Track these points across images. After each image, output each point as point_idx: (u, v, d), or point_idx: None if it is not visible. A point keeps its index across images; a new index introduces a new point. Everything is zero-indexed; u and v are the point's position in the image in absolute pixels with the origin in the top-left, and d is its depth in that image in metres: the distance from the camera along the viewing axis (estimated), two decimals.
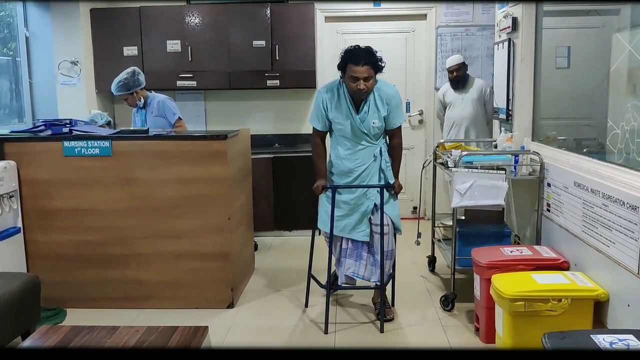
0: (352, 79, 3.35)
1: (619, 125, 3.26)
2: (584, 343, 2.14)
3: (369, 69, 3.33)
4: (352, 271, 3.63)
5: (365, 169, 3.54)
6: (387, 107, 3.50)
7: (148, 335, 2.44)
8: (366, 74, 3.32)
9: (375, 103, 3.48)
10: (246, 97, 6.09)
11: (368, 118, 3.48)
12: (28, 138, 3.90)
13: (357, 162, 3.54)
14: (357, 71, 3.32)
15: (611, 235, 2.78)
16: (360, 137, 3.51)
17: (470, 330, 3.48)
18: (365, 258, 3.62)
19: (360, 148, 3.53)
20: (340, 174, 3.61)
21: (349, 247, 3.64)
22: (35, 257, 3.89)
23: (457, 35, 5.97)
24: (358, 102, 3.49)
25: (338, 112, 3.51)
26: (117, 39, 5.70)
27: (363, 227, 3.57)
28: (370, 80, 3.36)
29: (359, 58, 3.32)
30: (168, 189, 3.79)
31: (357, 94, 3.41)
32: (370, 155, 3.54)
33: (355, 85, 3.36)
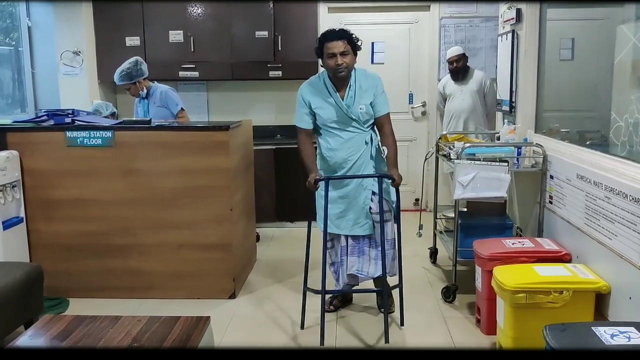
0: (329, 56, 3.28)
1: (622, 118, 3.24)
2: (585, 335, 2.14)
3: (344, 43, 3.26)
4: (357, 269, 3.45)
5: (358, 158, 3.41)
6: (372, 91, 3.41)
7: (150, 325, 2.46)
8: (342, 49, 3.25)
9: (360, 88, 3.39)
10: (248, 88, 6.08)
11: (355, 103, 3.37)
12: (30, 128, 3.90)
13: (350, 150, 3.40)
14: (332, 47, 3.26)
15: (613, 228, 2.78)
16: (349, 124, 3.39)
17: (471, 322, 3.48)
18: (367, 252, 3.47)
19: (350, 136, 3.40)
20: (333, 167, 3.46)
21: (350, 243, 3.48)
22: (38, 247, 3.90)
23: (460, 27, 5.94)
24: (342, 89, 3.39)
25: (322, 101, 3.39)
26: (120, 29, 5.68)
27: (364, 219, 3.42)
28: (347, 56, 3.28)
29: (333, 34, 3.28)
30: (170, 180, 3.80)
31: (337, 72, 3.29)
32: (362, 142, 3.41)
33: (333, 62, 3.27)
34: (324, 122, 3.42)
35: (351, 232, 3.44)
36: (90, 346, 2.23)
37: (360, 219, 3.43)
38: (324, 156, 3.48)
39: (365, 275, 3.47)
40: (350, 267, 3.46)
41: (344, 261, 3.48)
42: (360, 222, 3.43)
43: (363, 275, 3.47)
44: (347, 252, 3.48)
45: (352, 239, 3.47)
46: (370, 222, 3.42)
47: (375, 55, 6.05)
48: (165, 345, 2.27)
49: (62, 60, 5.58)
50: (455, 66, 5.38)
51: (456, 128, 5.36)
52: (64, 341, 2.31)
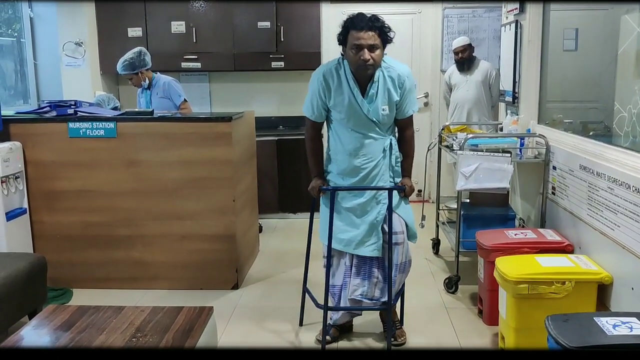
0: (355, 48, 2.75)
1: (626, 108, 3.23)
2: (587, 325, 2.15)
3: (374, 35, 2.75)
4: (361, 293, 2.97)
5: (374, 167, 2.93)
6: (399, 90, 2.90)
7: (153, 315, 2.47)
8: (371, 41, 2.74)
9: (385, 85, 2.87)
10: (251, 79, 6.07)
11: (377, 103, 2.86)
12: (33, 119, 3.91)
13: (365, 158, 2.92)
14: (360, 37, 2.73)
15: (616, 219, 2.77)
16: (368, 127, 2.89)
17: (474, 313, 3.49)
18: (376, 275, 3.00)
19: (368, 141, 2.91)
20: (342, 174, 2.99)
21: (355, 263, 3.00)
22: (42, 237, 3.92)
23: (463, 17, 5.92)
24: (363, 85, 2.87)
25: (339, 98, 2.87)
26: (122, 20, 5.67)
27: (373, 239, 2.94)
28: (376, 51, 2.76)
29: (363, 22, 2.74)
30: (173, 171, 3.80)
31: (361, 68, 2.79)
32: (379, 149, 2.93)
33: (358, 57, 2.75)
34: (338, 121, 2.96)
35: (356, 251, 2.97)
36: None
37: (369, 237, 2.95)
38: (333, 159, 3.03)
39: (369, 301, 3.00)
40: (353, 291, 2.99)
41: (347, 283, 3.02)
42: (368, 241, 2.95)
43: (367, 301, 3.00)
44: (351, 273, 3.02)
45: (357, 259, 3.00)
46: (380, 243, 2.95)
47: None
48: (168, 335, 2.28)
49: (64, 52, 5.58)
50: (460, 57, 5.36)
51: (460, 118, 5.35)
52: (67, 331, 2.32)
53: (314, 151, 3.06)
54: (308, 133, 3.07)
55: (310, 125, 3.04)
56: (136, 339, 2.25)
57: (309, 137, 3.07)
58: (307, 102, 2.99)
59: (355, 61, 2.78)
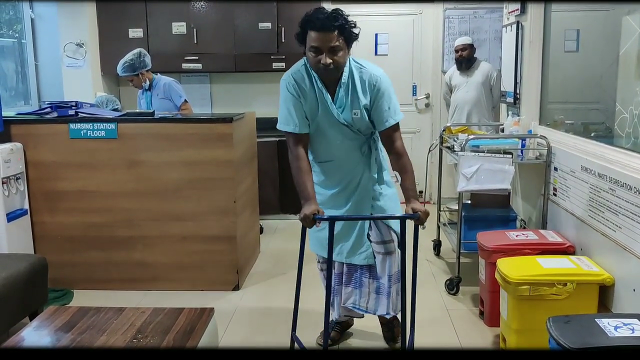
0: (313, 50, 2.44)
1: (627, 110, 3.22)
2: (588, 327, 2.14)
3: (335, 35, 2.41)
4: (353, 302, 2.85)
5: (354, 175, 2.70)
6: (369, 94, 2.58)
7: (154, 316, 2.46)
8: (331, 43, 2.41)
9: (354, 87, 2.57)
10: (252, 80, 6.06)
11: (347, 106, 2.58)
12: (34, 120, 3.91)
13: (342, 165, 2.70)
14: (318, 39, 2.41)
15: (618, 220, 2.77)
16: (341, 132, 2.63)
17: (475, 314, 3.49)
18: (367, 285, 2.83)
19: (342, 146, 2.67)
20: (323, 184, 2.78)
21: (345, 271, 2.86)
22: (42, 238, 3.92)
23: (465, 18, 5.91)
24: (332, 87, 2.58)
25: (310, 102, 2.60)
26: (123, 20, 5.67)
27: (364, 247, 2.77)
28: (339, 53, 2.44)
29: (320, 21, 2.41)
30: (174, 172, 3.80)
31: (321, 72, 2.50)
32: (356, 152, 2.69)
33: (317, 60, 2.44)
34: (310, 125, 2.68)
35: (348, 260, 2.82)
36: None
37: (357, 245, 2.79)
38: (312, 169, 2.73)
39: (363, 312, 2.88)
40: (345, 299, 2.88)
41: (339, 291, 2.89)
42: (357, 250, 2.79)
43: (361, 312, 2.89)
44: (342, 281, 2.88)
45: (347, 267, 2.85)
46: (370, 251, 2.79)
47: (378, 47, 6.03)
48: (169, 336, 2.27)
49: (65, 53, 5.58)
50: (460, 54, 5.35)
51: (460, 119, 5.35)
52: (68, 332, 2.32)
53: (302, 172, 2.61)
54: (293, 153, 2.63)
55: (294, 140, 2.62)
56: (137, 340, 2.25)
57: (295, 157, 2.63)
58: (283, 114, 2.63)
59: (314, 64, 2.49)
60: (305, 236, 2.60)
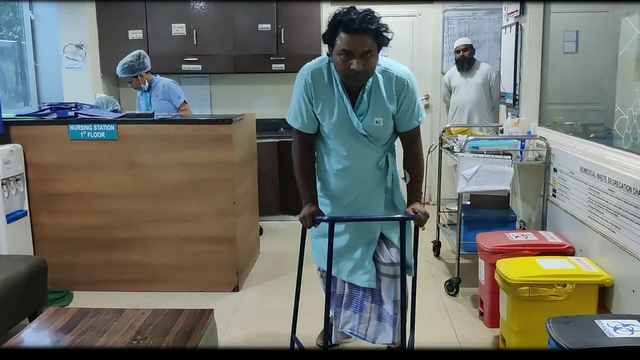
0: (344, 54, 2.22)
1: (626, 111, 3.23)
2: (588, 328, 2.14)
3: (369, 39, 2.20)
4: (351, 328, 2.60)
5: (366, 188, 2.50)
6: (397, 98, 2.38)
7: (154, 317, 2.47)
8: (365, 47, 2.20)
9: (379, 92, 2.37)
10: (251, 81, 6.07)
11: (369, 114, 2.38)
12: (34, 121, 3.91)
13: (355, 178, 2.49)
14: (350, 42, 2.19)
15: (617, 221, 2.77)
16: (358, 142, 2.42)
17: (475, 315, 3.49)
18: (368, 310, 2.58)
19: (356, 159, 2.45)
20: (331, 196, 2.57)
21: (346, 292, 2.62)
22: (42, 240, 3.92)
23: (464, 19, 5.92)
24: (353, 91, 2.37)
25: (327, 105, 2.38)
26: (122, 22, 5.67)
27: (367, 266, 2.52)
28: (370, 58, 2.24)
29: (355, 23, 2.19)
30: (173, 173, 3.80)
31: (349, 79, 2.29)
32: (372, 166, 2.48)
33: (347, 65, 2.22)
34: (325, 131, 2.48)
35: (349, 278, 2.57)
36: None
37: (360, 265, 2.54)
38: (320, 178, 2.60)
39: (361, 339, 2.62)
40: (343, 324, 2.63)
41: (339, 314, 2.65)
42: (359, 270, 2.54)
43: (359, 339, 2.63)
44: (342, 302, 2.64)
45: (349, 288, 2.60)
46: (374, 273, 2.53)
47: None
48: (168, 338, 2.28)
49: (65, 54, 5.58)
50: (461, 55, 5.35)
51: (460, 121, 5.35)
52: (68, 334, 2.32)
53: (304, 171, 2.53)
54: (296, 149, 2.53)
55: (299, 138, 2.51)
56: (137, 342, 2.25)
57: (298, 154, 2.53)
58: (293, 109, 2.47)
59: (343, 70, 2.26)
60: (305, 237, 2.59)
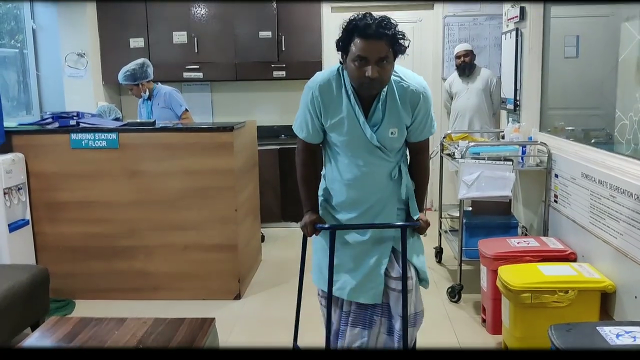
0: (358, 61, 2.11)
1: (627, 116, 3.23)
2: (590, 335, 2.14)
3: (385, 45, 2.11)
4: (360, 345, 2.46)
5: (378, 199, 2.36)
6: (412, 110, 2.28)
7: (156, 326, 2.46)
8: (381, 54, 2.11)
9: (395, 103, 2.26)
10: (252, 89, 6.08)
11: (383, 125, 2.27)
12: (36, 130, 3.92)
13: (367, 188, 2.35)
14: (366, 48, 2.09)
15: (618, 227, 2.76)
16: (371, 153, 2.31)
17: (477, 322, 3.48)
18: (378, 324, 2.44)
19: (369, 169, 2.32)
20: (339, 207, 2.42)
21: (353, 309, 2.46)
22: (44, 249, 3.92)
23: (464, 25, 5.93)
24: (367, 102, 2.27)
25: (337, 117, 2.28)
26: (124, 30, 5.70)
27: (374, 283, 2.37)
28: (386, 66, 2.14)
29: (371, 28, 2.10)
30: (175, 181, 3.80)
31: (364, 87, 2.18)
32: (385, 177, 2.35)
33: (362, 72, 2.11)
34: (335, 143, 2.37)
35: (354, 297, 2.41)
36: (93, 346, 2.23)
37: (366, 282, 2.38)
38: (329, 188, 2.46)
39: None
40: (351, 342, 2.46)
41: (344, 332, 2.48)
42: (365, 287, 2.39)
43: None
44: (349, 321, 2.47)
45: (355, 305, 2.46)
46: (381, 288, 2.38)
47: None
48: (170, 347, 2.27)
49: (66, 63, 5.61)
50: (462, 60, 5.36)
51: (461, 126, 5.35)
52: (70, 343, 2.32)
53: (306, 179, 2.47)
54: (300, 157, 2.47)
55: (303, 147, 2.44)
56: None
57: (301, 162, 2.47)
58: (299, 118, 2.40)
59: (357, 77, 2.15)
60: (306, 245, 2.57)
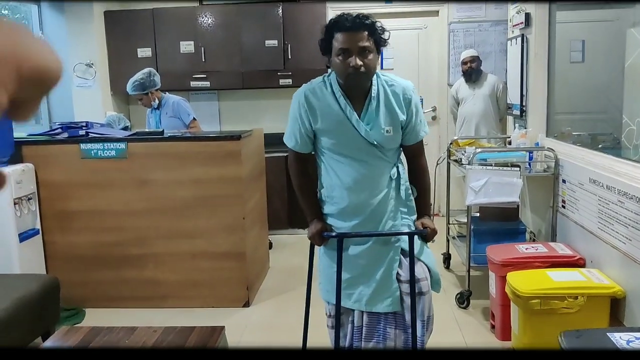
0: (342, 54, 2.19)
1: (634, 121, 3.23)
2: (600, 341, 2.13)
3: (365, 35, 2.18)
4: None
5: (380, 201, 2.32)
6: (405, 108, 2.31)
7: (166, 335, 2.48)
8: (362, 43, 2.17)
9: (388, 101, 2.29)
10: (259, 97, 6.11)
11: (378, 123, 2.27)
12: (45, 141, 3.96)
13: (369, 191, 2.30)
14: (346, 40, 2.18)
15: (627, 232, 2.76)
16: (368, 153, 2.29)
17: (486, 328, 3.47)
18: (393, 338, 2.38)
19: (369, 170, 2.30)
20: (342, 214, 2.36)
21: (365, 322, 2.40)
22: (54, 258, 3.95)
23: (469, 31, 5.94)
24: (359, 102, 2.29)
25: (328, 120, 2.29)
26: (131, 40, 5.75)
27: (390, 290, 2.33)
28: (369, 55, 2.19)
29: (349, 21, 2.19)
30: (183, 190, 3.83)
31: (351, 77, 2.20)
32: (385, 178, 2.32)
33: (346, 65, 2.18)
34: (330, 148, 2.34)
35: (370, 307, 2.36)
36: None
37: (383, 290, 2.34)
38: (328, 196, 2.41)
39: None
40: None
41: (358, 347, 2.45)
42: (381, 295, 2.34)
43: None
44: (362, 335, 2.42)
45: (368, 317, 2.39)
46: (397, 295, 2.34)
47: (384, 61, 6.06)
48: None
49: (75, 73, 5.66)
50: (469, 66, 5.36)
51: (468, 132, 5.36)
52: None
53: (305, 188, 2.45)
54: (293, 168, 2.46)
55: (295, 157, 2.44)
56: None
57: (296, 173, 2.45)
58: (289, 129, 2.41)
59: (343, 70, 2.20)
60: (314, 251, 2.56)
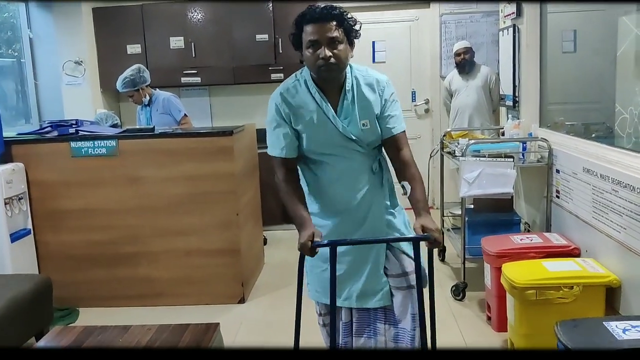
0: (311, 46, 2.12)
1: (627, 110, 3.23)
2: (596, 330, 2.13)
3: (333, 25, 2.12)
4: None
5: (363, 196, 2.25)
6: (378, 101, 2.23)
7: (160, 333, 2.45)
8: (330, 34, 2.10)
9: (362, 94, 2.23)
10: (251, 92, 6.07)
11: (354, 117, 2.20)
12: (35, 140, 3.92)
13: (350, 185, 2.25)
14: (314, 31, 2.11)
15: (622, 221, 2.76)
16: (346, 147, 2.22)
17: (482, 319, 3.47)
18: (383, 332, 2.33)
19: (348, 164, 2.24)
20: (326, 212, 2.31)
21: (355, 318, 2.35)
22: (46, 258, 3.92)
23: (461, 23, 5.93)
24: (334, 96, 2.22)
25: (304, 117, 2.21)
26: (120, 37, 5.70)
27: (379, 285, 2.28)
28: (339, 46, 2.11)
29: (315, 13, 2.14)
30: (176, 187, 3.80)
31: (322, 70, 2.12)
32: (365, 171, 2.26)
33: (316, 57, 2.11)
34: (309, 147, 2.25)
35: (361, 304, 2.31)
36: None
37: (371, 284, 2.29)
38: (311, 195, 2.34)
39: None
40: None
41: (348, 344, 2.38)
42: (371, 290, 2.30)
43: None
44: (352, 331, 2.37)
45: (358, 313, 2.35)
46: (387, 289, 2.30)
47: (376, 54, 6.04)
48: None
49: (64, 71, 5.61)
50: (462, 58, 5.34)
51: (461, 124, 5.34)
52: None
53: (293, 194, 2.24)
54: (280, 176, 2.26)
55: (280, 164, 2.25)
56: None
57: (283, 179, 2.25)
58: (271, 138, 2.26)
59: (314, 62, 2.12)
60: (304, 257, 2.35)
